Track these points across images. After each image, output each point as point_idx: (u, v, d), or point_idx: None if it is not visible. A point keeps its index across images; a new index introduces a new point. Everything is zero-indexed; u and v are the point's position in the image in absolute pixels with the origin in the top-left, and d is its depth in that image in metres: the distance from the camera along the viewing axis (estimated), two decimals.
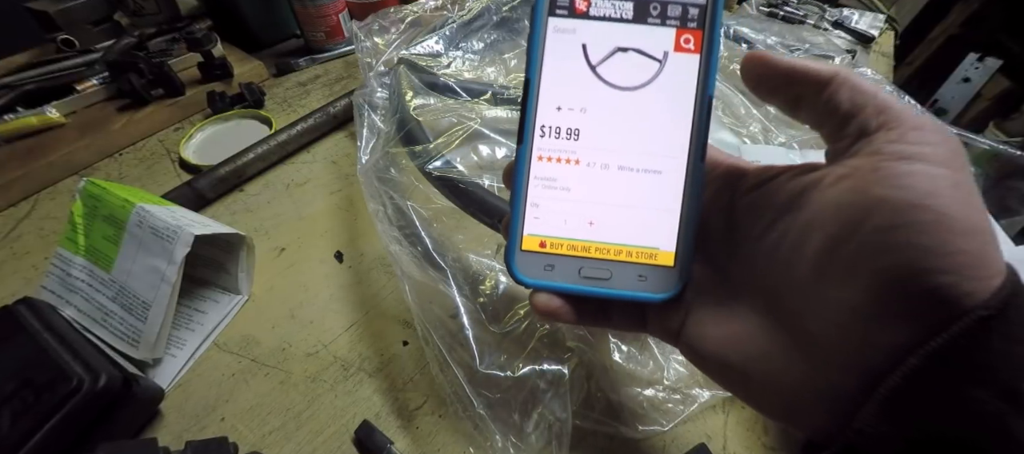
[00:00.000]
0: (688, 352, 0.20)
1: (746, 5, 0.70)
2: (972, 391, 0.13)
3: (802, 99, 0.18)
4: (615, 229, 0.20)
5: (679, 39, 0.20)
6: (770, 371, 0.18)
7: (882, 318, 0.15)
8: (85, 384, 0.25)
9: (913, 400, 0.14)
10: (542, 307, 0.20)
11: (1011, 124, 1.18)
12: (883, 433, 0.14)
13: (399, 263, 0.31)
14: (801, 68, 0.17)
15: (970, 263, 0.13)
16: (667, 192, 0.20)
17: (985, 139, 0.44)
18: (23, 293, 0.32)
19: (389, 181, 0.35)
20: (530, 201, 0.20)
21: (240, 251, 0.36)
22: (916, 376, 0.14)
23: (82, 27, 0.58)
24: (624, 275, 0.20)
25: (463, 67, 0.47)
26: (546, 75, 0.20)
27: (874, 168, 0.15)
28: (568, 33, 0.20)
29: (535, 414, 0.27)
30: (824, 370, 0.16)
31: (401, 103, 0.38)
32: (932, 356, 0.13)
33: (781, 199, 0.18)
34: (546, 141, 0.20)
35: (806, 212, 0.17)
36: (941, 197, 0.14)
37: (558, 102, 0.20)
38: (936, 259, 0.13)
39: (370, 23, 0.47)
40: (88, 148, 0.49)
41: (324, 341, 0.34)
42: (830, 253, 0.15)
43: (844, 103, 0.16)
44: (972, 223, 0.14)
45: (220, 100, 0.54)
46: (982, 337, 0.13)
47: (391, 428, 0.29)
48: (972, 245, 0.14)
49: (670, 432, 0.28)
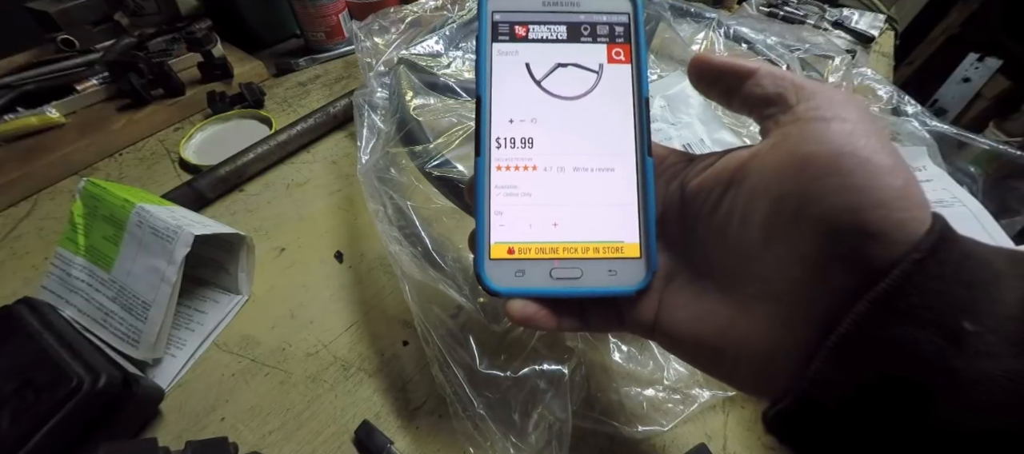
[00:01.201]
0: (664, 340, 0.21)
1: (746, 5, 0.70)
2: (915, 332, 0.14)
3: (733, 90, 0.20)
4: (579, 228, 0.21)
5: (610, 52, 0.22)
6: (740, 341, 0.18)
7: (828, 263, 0.16)
8: (85, 384, 0.25)
9: (861, 346, 0.15)
10: (518, 314, 0.20)
11: (1011, 124, 1.18)
12: (833, 380, 0.15)
13: (399, 263, 0.31)
14: (729, 64, 0.20)
15: (896, 196, 0.15)
16: (622, 187, 0.21)
17: (985, 139, 0.44)
18: (23, 293, 0.32)
19: (389, 181, 0.35)
20: (494, 209, 0.21)
21: (240, 251, 0.36)
22: (862, 321, 0.14)
23: (82, 27, 0.58)
24: (594, 272, 0.21)
25: (463, 67, 0.47)
26: (496, 91, 0.22)
27: (800, 131, 0.17)
28: (511, 55, 0.22)
29: (535, 414, 0.27)
30: (789, 328, 0.17)
31: (401, 103, 0.38)
32: (875, 301, 0.14)
33: (725, 177, 0.19)
34: (503, 151, 0.22)
35: (748, 182, 0.18)
36: (860, 145, 0.16)
37: (510, 115, 0.22)
38: (865, 195, 0.15)
39: (370, 23, 0.47)
40: (88, 148, 0.49)
41: (324, 341, 0.34)
42: (775, 214, 0.17)
43: (768, 87, 0.19)
44: (890, 164, 0.15)
45: (220, 100, 0.54)
46: (919, 279, 0.14)
47: (391, 428, 0.29)
48: (895, 181, 0.15)
49: (670, 432, 0.28)
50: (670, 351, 0.21)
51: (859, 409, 0.15)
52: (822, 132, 0.16)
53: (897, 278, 0.14)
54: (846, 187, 0.15)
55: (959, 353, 0.13)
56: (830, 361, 0.15)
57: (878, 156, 0.15)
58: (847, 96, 0.18)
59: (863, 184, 0.15)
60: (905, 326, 0.14)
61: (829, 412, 0.15)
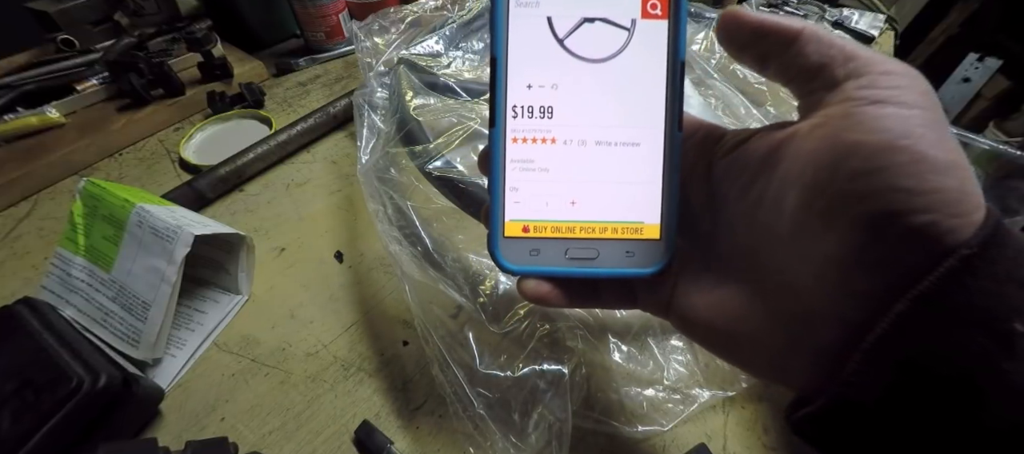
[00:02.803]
0: (678, 322, 0.20)
1: (746, 5, 0.70)
2: (960, 333, 0.13)
3: (769, 56, 0.17)
4: (598, 207, 0.20)
5: (645, 5, 0.19)
6: (757, 332, 0.17)
7: (862, 265, 0.14)
8: (85, 384, 0.25)
9: (900, 346, 0.14)
10: (531, 293, 0.20)
11: (1011, 124, 1.18)
12: (871, 381, 0.14)
13: (399, 263, 0.31)
14: (770, 23, 0.17)
15: (950, 200, 0.13)
16: (647, 164, 0.20)
17: (985, 139, 0.44)
18: (23, 293, 0.32)
19: (389, 181, 0.35)
20: (509, 185, 0.20)
21: (240, 251, 0.36)
22: (903, 321, 0.13)
23: (82, 27, 0.58)
24: (611, 253, 0.20)
25: (463, 67, 0.47)
26: (513, 53, 0.20)
27: (846, 114, 0.15)
28: (531, 6, 0.19)
29: (535, 414, 0.27)
30: (809, 325, 0.16)
31: (401, 103, 0.38)
32: (918, 300, 0.13)
33: (756, 159, 0.18)
34: (519, 122, 0.20)
35: (781, 168, 0.16)
36: (915, 137, 0.13)
37: (528, 80, 0.20)
38: (915, 199, 0.13)
39: (370, 23, 0.47)
40: (88, 148, 0.49)
41: (324, 341, 0.34)
42: (807, 206, 0.15)
43: (812, 55, 0.16)
44: (948, 161, 0.13)
45: (220, 100, 0.54)
46: (968, 277, 0.13)
47: (391, 428, 0.29)
48: (950, 182, 0.13)
49: (670, 432, 0.28)
50: (683, 332, 0.21)
51: (898, 411, 0.14)
52: (872, 118, 0.14)
53: (942, 276, 0.13)
54: (894, 188, 0.13)
55: (1010, 356, 0.13)
56: (868, 362, 0.14)
57: (934, 151, 0.13)
58: (905, 70, 0.15)
59: (915, 186, 0.13)
60: (949, 327, 0.13)
61: (865, 413, 0.14)
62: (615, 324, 0.31)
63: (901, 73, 0.15)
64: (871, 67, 0.15)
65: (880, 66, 0.15)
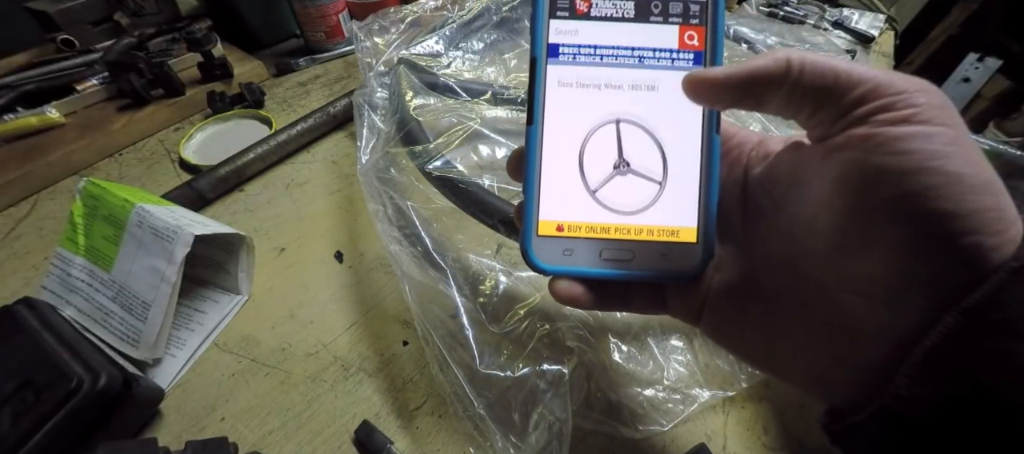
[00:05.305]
0: (709, 330, 0.20)
1: (746, 5, 0.70)
2: (1011, 344, 0.13)
3: (765, 99, 0.17)
4: (634, 207, 0.20)
5: (682, 36, 0.19)
6: (798, 344, 0.17)
7: (912, 286, 0.14)
8: (85, 384, 0.25)
9: (950, 359, 0.14)
10: (564, 294, 0.20)
11: (1011, 124, 1.18)
12: (921, 394, 0.14)
13: (399, 263, 0.31)
14: (749, 74, 0.16)
15: (990, 219, 0.13)
16: (685, 166, 0.19)
17: (985, 139, 0.44)
18: (23, 293, 0.32)
19: (389, 181, 0.35)
20: (545, 184, 0.20)
21: (240, 251, 0.36)
22: (952, 335, 0.13)
23: (82, 27, 0.58)
24: (646, 255, 0.19)
25: (463, 67, 0.47)
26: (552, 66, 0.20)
27: (867, 136, 0.14)
28: (571, 34, 0.20)
29: (535, 414, 0.27)
30: (857, 340, 0.16)
31: (401, 103, 0.38)
32: (967, 313, 0.13)
33: (785, 175, 0.18)
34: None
35: (810, 190, 0.16)
36: (946, 157, 0.13)
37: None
38: (957, 222, 0.13)
39: (370, 23, 0.47)
40: (88, 148, 0.49)
41: (324, 341, 0.34)
42: (843, 230, 0.15)
43: (811, 87, 0.16)
44: (982, 178, 0.13)
45: (220, 100, 0.54)
46: (1017, 289, 0.13)
47: (391, 428, 0.29)
48: (988, 201, 0.13)
49: (670, 432, 0.28)
50: (718, 343, 0.20)
51: (949, 423, 0.14)
52: (898, 141, 0.14)
53: (991, 289, 0.13)
54: (933, 212, 0.13)
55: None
56: (917, 376, 0.14)
57: (968, 169, 0.13)
58: (918, 85, 0.15)
59: (954, 209, 0.13)
60: (1001, 339, 0.13)
61: (916, 426, 0.14)
62: (615, 324, 0.31)
63: (915, 90, 0.14)
64: (881, 87, 0.15)
65: (892, 84, 0.15)
